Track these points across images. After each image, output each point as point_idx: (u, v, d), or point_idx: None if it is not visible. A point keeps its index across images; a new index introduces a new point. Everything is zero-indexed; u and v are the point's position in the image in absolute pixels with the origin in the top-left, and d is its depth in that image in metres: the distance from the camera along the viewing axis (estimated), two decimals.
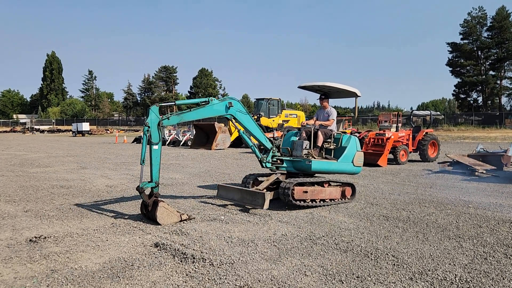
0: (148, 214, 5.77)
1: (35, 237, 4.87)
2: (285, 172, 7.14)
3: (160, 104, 5.90)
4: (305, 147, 7.03)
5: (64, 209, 6.51)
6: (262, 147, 6.94)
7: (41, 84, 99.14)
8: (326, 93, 8.03)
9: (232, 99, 6.45)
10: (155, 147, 5.69)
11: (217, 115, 6.56)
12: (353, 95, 8.23)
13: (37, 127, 65.35)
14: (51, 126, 70.29)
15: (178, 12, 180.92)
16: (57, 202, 7.13)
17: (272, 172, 7.17)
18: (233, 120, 6.58)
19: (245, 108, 6.63)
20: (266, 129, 23.75)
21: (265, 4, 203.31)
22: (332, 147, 7.32)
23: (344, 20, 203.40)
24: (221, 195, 6.91)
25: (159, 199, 5.66)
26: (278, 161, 6.94)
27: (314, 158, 6.92)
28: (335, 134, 7.45)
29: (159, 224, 5.46)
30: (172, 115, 5.91)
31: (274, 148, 6.86)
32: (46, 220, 5.81)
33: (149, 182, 5.62)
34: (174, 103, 6.37)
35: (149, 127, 5.64)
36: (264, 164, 6.79)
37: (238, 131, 6.87)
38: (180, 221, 5.66)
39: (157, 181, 5.66)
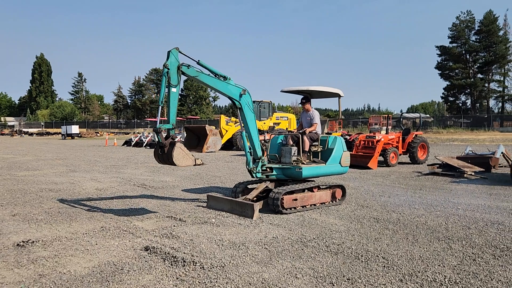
0: (163, 156, 5.69)
1: (23, 242, 4.80)
2: (275, 179, 7.07)
3: (180, 50, 5.85)
4: (294, 154, 7.01)
5: (52, 213, 6.44)
6: (251, 151, 6.85)
7: (30, 87, 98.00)
8: (307, 95, 8.00)
9: (246, 90, 6.49)
10: (173, 89, 5.75)
11: (227, 95, 6.42)
12: (336, 95, 8.24)
13: (25, 130, 64.74)
14: (40, 129, 69.60)
15: (169, 15, 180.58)
16: (45, 205, 7.05)
17: (261, 180, 7.14)
18: (238, 112, 6.54)
19: (253, 106, 6.64)
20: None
21: (257, 8, 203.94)
22: (319, 149, 7.33)
23: (335, 24, 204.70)
24: (211, 206, 6.87)
25: (175, 140, 5.67)
26: (268, 170, 6.89)
27: (304, 164, 6.90)
28: (320, 136, 7.47)
29: (175, 165, 5.50)
30: (192, 67, 5.97)
31: (263, 158, 6.80)
32: (34, 224, 5.74)
33: (166, 123, 5.68)
34: (197, 60, 6.20)
35: (168, 69, 5.66)
36: (254, 175, 6.73)
37: (241, 133, 6.76)
38: (194, 165, 5.80)
39: (174, 124, 5.73)
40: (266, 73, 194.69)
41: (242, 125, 6.73)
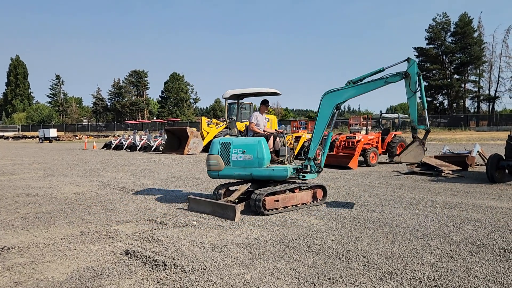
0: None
1: None
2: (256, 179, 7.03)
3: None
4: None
5: (29, 218, 6.29)
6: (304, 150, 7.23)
7: (5, 89, 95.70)
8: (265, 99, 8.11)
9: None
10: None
11: None
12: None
13: (1, 133, 63.08)
14: (17, 133, 67.90)
15: (148, 16, 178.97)
16: (22, 211, 6.88)
17: (243, 181, 7.16)
18: (336, 113, 6.95)
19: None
20: (239, 133, 23.69)
21: (237, 9, 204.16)
22: None
23: (316, 25, 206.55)
24: (192, 208, 6.84)
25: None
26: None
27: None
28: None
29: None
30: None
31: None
32: (10, 230, 5.60)
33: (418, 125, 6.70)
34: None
35: (409, 76, 6.52)
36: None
37: (329, 133, 7.13)
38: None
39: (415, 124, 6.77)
40: (247, 74, 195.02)
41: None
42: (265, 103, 7.94)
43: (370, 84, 6.68)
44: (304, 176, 6.98)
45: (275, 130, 7.86)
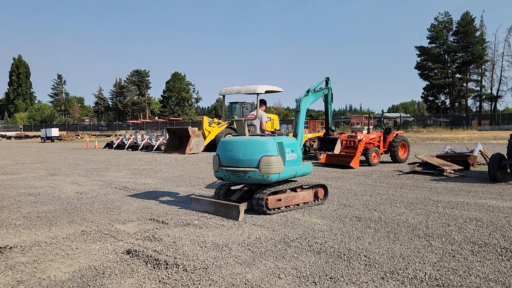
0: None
1: (0, 248, 4.69)
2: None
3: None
4: None
5: (31, 218, 6.31)
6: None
7: (8, 89, 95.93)
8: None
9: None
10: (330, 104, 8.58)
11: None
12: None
13: (3, 133, 63.27)
14: (19, 132, 68.08)
15: (150, 16, 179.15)
16: (24, 210, 6.90)
17: None
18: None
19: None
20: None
21: (238, 9, 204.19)
22: None
23: (317, 25, 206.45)
24: (194, 208, 6.83)
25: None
26: None
27: None
28: None
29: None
30: None
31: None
32: (12, 229, 5.61)
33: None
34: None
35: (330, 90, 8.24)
36: None
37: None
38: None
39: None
40: (249, 74, 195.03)
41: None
42: (265, 102, 7.99)
43: (318, 93, 8.08)
44: None
45: (275, 129, 7.94)
